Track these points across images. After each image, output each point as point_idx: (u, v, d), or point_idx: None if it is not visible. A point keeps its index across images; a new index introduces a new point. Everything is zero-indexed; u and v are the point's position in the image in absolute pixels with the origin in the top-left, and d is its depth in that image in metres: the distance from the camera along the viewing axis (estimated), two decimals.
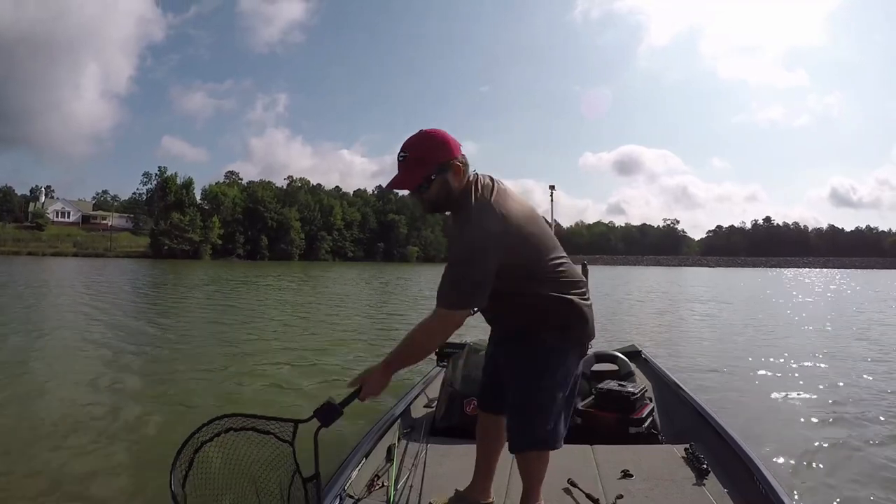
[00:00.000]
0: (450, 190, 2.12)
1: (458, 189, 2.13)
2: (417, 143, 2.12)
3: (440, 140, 2.12)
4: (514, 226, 2.09)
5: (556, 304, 2.21)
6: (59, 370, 7.30)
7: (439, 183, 2.10)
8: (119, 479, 3.96)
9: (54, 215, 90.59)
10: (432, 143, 2.12)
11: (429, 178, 2.09)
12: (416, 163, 2.09)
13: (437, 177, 2.09)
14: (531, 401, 2.26)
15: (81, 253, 73.90)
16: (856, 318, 16.26)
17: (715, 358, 9.19)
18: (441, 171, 2.09)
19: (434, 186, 2.11)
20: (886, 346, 10.68)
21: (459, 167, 2.11)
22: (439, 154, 2.10)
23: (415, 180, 2.11)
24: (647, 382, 4.60)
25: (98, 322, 11.89)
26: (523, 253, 2.13)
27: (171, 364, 7.72)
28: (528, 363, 2.27)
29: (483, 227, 2.05)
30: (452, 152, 2.11)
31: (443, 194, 2.12)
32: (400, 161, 2.12)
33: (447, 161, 2.10)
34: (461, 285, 2.05)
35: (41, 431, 4.82)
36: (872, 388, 7.05)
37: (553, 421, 2.27)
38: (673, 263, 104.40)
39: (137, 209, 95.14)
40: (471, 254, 2.05)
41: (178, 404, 5.79)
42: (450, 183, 2.11)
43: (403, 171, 2.11)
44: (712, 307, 19.76)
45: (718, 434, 3.29)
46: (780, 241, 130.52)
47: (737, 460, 2.94)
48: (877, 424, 5.47)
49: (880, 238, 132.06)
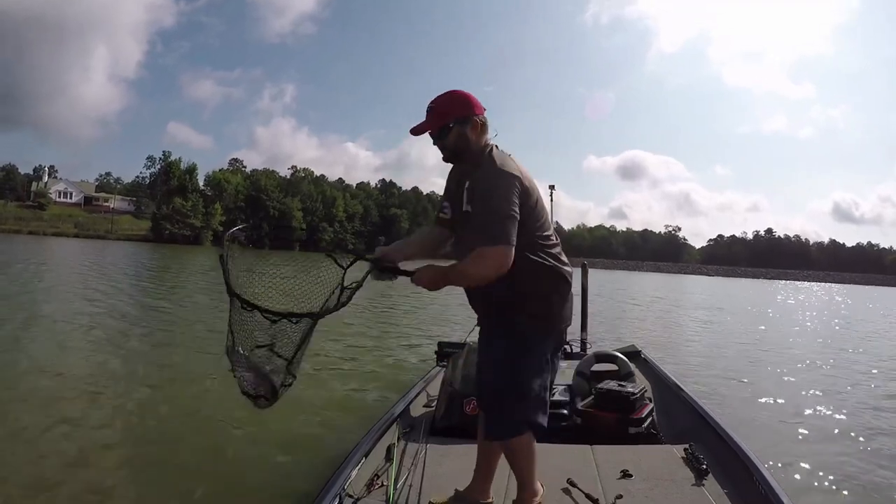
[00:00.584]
0: (468, 142, 2.35)
1: (476, 144, 2.36)
2: (444, 97, 2.39)
3: (463, 97, 2.38)
4: (528, 180, 2.31)
5: (545, 272, 2.35)
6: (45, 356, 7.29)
7: (457, 133, 2.34)
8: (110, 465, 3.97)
9: (57, 195, 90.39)
10: (456, 98, 2.38)
11: (448, 127, 2.34)
12: (439, 113, 2.35)
13: (455, 126, 2.33)
14: (507, 383, 2.35)
15: (82, 234, 73.80)
16: (852, 329, 16.34)
17: (714, 360, 9.24)
18: (460, 123, 2.33)
19: (452, 135, 2.35)
20: (882, 356, 10.84)
21: (478, 123, 2.35)
22: (460, 109, 2.35)
23: (434, 126, 2.35)
24: (646, 383, 4.61)
25: (96, 307, 11.87)
26: (528, 211, 2.28)
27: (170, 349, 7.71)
28: (505, 342, 2.38)
29: (504, 167, 2.27)
30: (473, 109, 2.36)
31: (461, 145, 2.36)
32: (427, 111, 2.36)
33: (467, 115, 2.34)
34: (503, 219, 2.18)
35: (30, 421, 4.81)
36: (870, 393, 7.16)
37: (531, 406, 2.36)
38: (673, 270, 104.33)
39: (140, 193, 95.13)
40: (496, 188, 2.22)
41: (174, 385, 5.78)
42: (467, 136, 2.35)
43: (427, 119, 2.36)
44: (711, 315, 19.80)
45: (718, 434, 3.31)
46: (780, 253, 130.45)
47: (736, 460, 2.95)
48: (875, 426, 5.53)
49: (881, 255, 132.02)
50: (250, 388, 2.11)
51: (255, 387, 2.10)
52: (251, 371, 2.12)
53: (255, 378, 2.11)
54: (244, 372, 2.12)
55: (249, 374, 2.12)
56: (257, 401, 2.12)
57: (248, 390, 2.11)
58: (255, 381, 2.11)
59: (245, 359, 2.11)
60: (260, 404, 2.13)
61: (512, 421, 2.36)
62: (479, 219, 2.25)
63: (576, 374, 4.35)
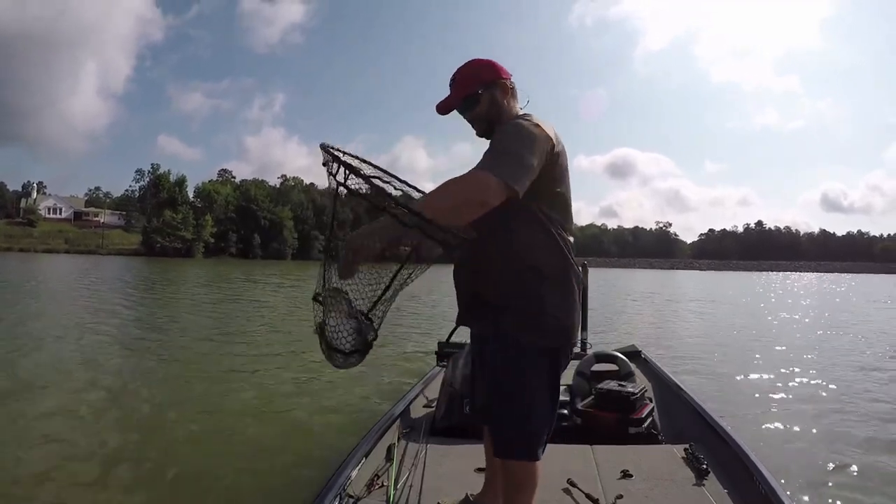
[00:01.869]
0: (500, 108, 2.13)
1: (509, 110, 2.14)
2: (466, 66, 2.17)
3: (486, 62, 2.17)
4: (561, 146, 2.05)
5: (553, 256, 2.04)
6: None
7: (487, 98, 2.12)
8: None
9: (46, 211, 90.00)
10: (479, 64, 2.16)
11: (476, 94, 2.11)
12: (464, 82, 2.13)
13: (483, 92, 2.11)
14: (511, 408, 2.08)
15: (73, 250, 73.53)
16: (849, 321, 16.39)
17: (713, 359, 9.23)
18: (488, 88, 2.11)
19: (483, 102, 2.12)
20: (881, 348, 10.83)
21: (507, 86, 2.15)
22: (486, 73, 2.14)
23: (461, 95, 2.12)
24: (646, 382, 4.60)
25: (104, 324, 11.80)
26: (551, 180, 2.00)
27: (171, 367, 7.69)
28: (508, 368, 2.07)
29: (536, 123, 1.98)
30: (500, 73, 2.15)
31: (493, 111, 2.13)
32: (451, 84, 2.16)
33: (494, 80, 2.13)
34: (510, 157, 1.86)
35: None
36: (871, 390, 7.11)
37: (536, 429, 2.09)
38: (665, 266, 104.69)
39: (130, 206, 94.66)
40: (519, 136, 1.93)
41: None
42: (499, 101, 2.13)
43: (452, 92, 2.15)
44: (703, 306, 19.82)
45: (718, 434, 3.29)
46: (771, 244, 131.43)
47: (736, 460, 2.94)
48: (876, 424, 5.51)
49: (871, 243, 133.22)
50: (346, 340, 1.82)
51: (353, 338, 1.82)
52: (352, 319, 1.82)
53: (353, 328, 1.82)
54: (342, 320, 1.83)
55: (349, 324, 1.82)
56: (349, 357, 1.84)
57: (343, 345, 1.82)
58: (351, 331, 1.82)
59: (347, 303, 1.82)
60: (352, 361, 1.86)
61: (514, 445, 2.11)
62: (484, 155, 1.93)
63: (576, 374, 4.34)
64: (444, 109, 2.15)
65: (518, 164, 1.83)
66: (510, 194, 1.79)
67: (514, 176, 1.80)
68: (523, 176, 1.83)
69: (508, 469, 2.15)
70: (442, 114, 2.16)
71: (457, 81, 2.14)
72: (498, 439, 2.17)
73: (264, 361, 7.93)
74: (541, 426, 2.08)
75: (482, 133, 2.16)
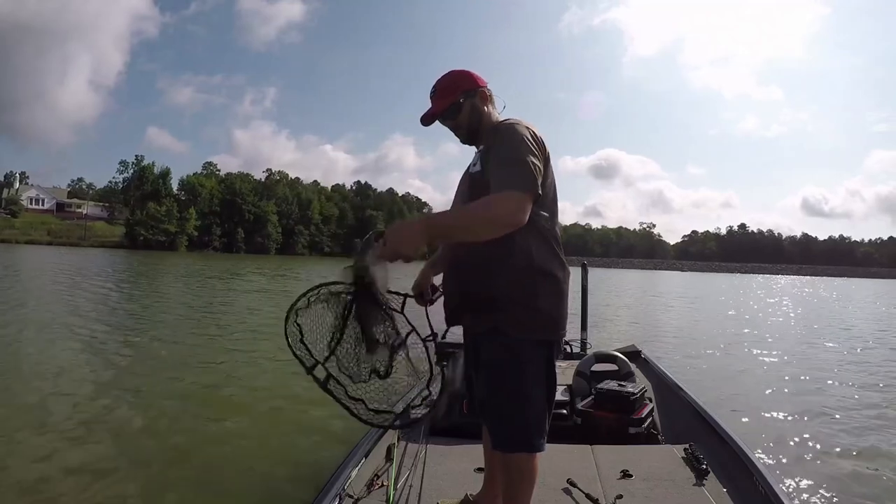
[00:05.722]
0: (481, 115, 2.24)
1: (490, 116, 2.25)
2: (445, 77, 2.29)
3: (464, 72, 2.29)
4: (547, 150, 2.10)
5: (545, 252, 2.09)
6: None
7: (468, 106, 2.23)
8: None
9: (28, 202, 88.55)
10: (458, 74, 2.28)
11: (458, 103, 2.22)
12: (445, 91, 2.24)
13: (464, 100, 2.22)
14: (508, 401, 2.11)
15: (56, 241, 72.25)
16: (849, 321, 16.62)
17: (711, 358, 9.31)
18: (469, 96, 2.22)
19: (464, 110, 2.23)
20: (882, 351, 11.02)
21: (486, 93, 2.26)
22: (464, 83, 2.25)
23: (444, 104, 2.23)
24: (646, 382, 4.61)
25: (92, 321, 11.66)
26: (542, 178, 2.02)
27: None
28: (502, 362, 2.11)
29: (527, 126, 2.10)
30: (477, 82, 2.26)
31: (475, 118, 2.24)
32: (431, 96, 2.27)
33: (473, 88, 2.24)
34: (524, 167, 1.92)
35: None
36: (871, 391, 7.23)
37: (533, 421, 2.10)
38: (648, 267, 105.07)
39: (113, 198, 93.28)
40: (521, 143, 1.99)
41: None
42: (478, 107, 2.24)
43: (434, 102, 2.25)
44: (691, 303, 19.98)
45: (718, 434, 3.32)
46: (754, 247, 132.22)
47: (736, 460, 2.96)
48: (876, 424, 5.60)
49: (853, 247, 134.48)
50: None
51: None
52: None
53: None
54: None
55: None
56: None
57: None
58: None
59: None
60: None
61: (514, 438, 2.13)
62: (493, 170, 1.96)
63: (576, 374, 4.34)
64: (429, 120, 2.26)
65: (531, 171, 1.93)
66: (534, 200, 1.94)
67: (533, 183, 1.93)
68: (538, 178, 1.95)
69: (507, 462, 2.18)
70: (426, 124, 2.26)
71: (438, 92, 2.26)
72: (496, 433, 2.19)
73: (264, 361, 7.92)
74: (538, 418, 2.11)
75: (465, 140, 2.29)
